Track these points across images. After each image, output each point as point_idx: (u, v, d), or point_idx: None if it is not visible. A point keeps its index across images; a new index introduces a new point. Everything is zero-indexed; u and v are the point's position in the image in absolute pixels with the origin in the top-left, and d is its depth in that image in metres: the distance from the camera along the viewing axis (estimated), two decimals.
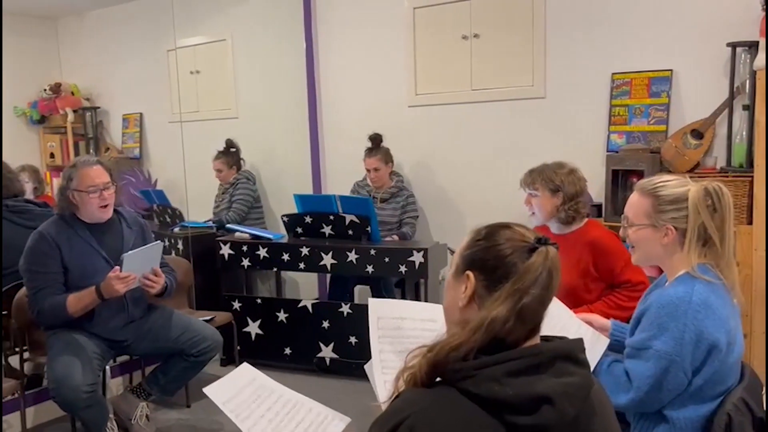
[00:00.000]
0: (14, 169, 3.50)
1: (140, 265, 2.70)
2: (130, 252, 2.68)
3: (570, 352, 1.08)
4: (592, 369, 1.64)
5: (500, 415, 1.00)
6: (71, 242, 2.72)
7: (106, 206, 2.76)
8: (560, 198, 2.63)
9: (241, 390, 1.50)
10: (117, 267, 2.62)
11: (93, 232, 2.79)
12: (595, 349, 1.73)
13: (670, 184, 1.67)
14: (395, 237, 3.84)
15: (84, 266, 2.71)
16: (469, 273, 1.12)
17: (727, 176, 3.03)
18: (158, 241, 2.90)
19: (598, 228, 2.70)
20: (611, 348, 1.83)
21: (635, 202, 1.71)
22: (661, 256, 1.69)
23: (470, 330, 1.04)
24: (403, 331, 1.49)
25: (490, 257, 1.10)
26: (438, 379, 1.05)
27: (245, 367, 1.58)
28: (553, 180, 2.63)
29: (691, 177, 1.72)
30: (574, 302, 2.40)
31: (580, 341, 1.12)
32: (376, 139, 4.04)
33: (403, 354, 1.46)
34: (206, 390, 1.46)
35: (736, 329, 1.62)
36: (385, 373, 1.44)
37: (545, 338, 1.13)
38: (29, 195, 4.29)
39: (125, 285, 2.62)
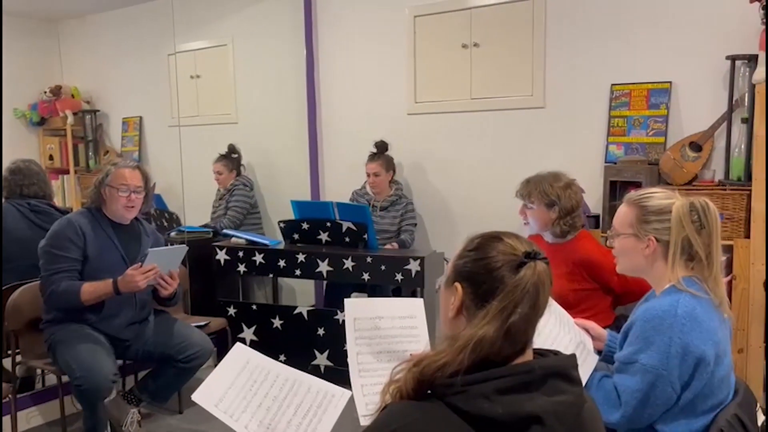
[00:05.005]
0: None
1: (162, 264, 2.75)
2: (156, 248, 2.78)
3: (563, 369, 1.06)
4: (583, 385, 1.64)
5: None
6: (95, 234, 2.81)
7: (131, 208, 2.84)
8: (556, 212, 2.60)
9: (234, 381, 1.46)
10: (138, 264, 2.69)
11: (116, 229, 2.88)
12: (584, 366, 1.71)
13: (657, 195, 1.68)
14: (394, 245, 3.82)
15: (102, 259, 2.79)
16: (458, 284, 1.11)
17: (725, 189, 3.01)
18: (184, 245, 2.93)
19: (589, 243, 2.67)
20: (605, 359, 1.82)
21: (621, 212, 1.74)
22: (643, 268, 1.70)
23: (457, 349, 1.02)
24: (381, 331, 1.47)
25: (479, 269, 1.09)
26: (428, 391, 1.03)
27: (238, 350, 1.53)
28: (548, 194, 2.58)
29: (688, 190, 1.72)
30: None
31: (573, 357, 1.10)
32: (381, 146, 4.04)
33: (381, 355, 1.44)
34: (194, 397, 1.44)
35: (725, 342, 1.61)
36: (363, 377, 1.41)
37: (538, 352, 1.10)
38: None
39: (146, 278, 2.68)
